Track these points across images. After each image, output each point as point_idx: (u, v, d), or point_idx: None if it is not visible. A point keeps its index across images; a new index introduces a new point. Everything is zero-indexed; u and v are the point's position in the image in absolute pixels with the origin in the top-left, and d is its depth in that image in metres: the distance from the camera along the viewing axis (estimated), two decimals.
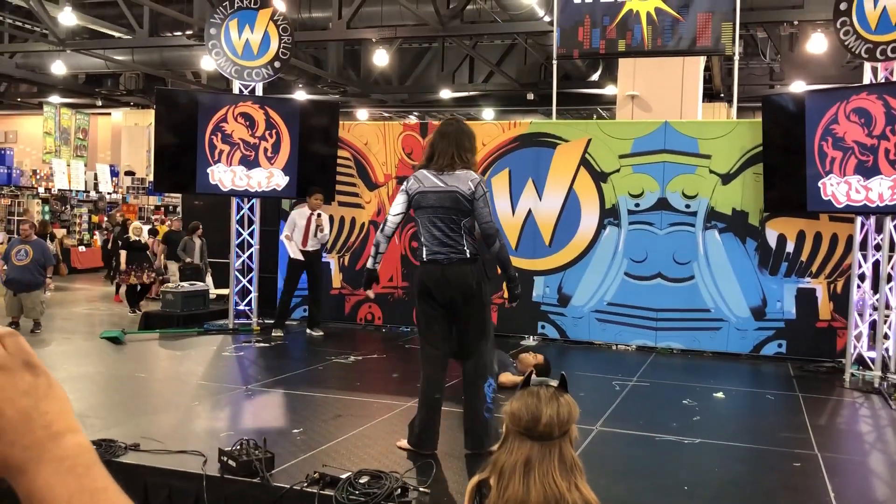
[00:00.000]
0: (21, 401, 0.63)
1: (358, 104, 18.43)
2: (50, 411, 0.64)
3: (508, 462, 2.13)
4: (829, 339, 7.72)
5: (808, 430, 5.21)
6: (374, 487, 3.60)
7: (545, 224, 8.60)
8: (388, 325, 9.10)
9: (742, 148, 7.97)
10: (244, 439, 4.00)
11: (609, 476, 4.09)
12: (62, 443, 0.63)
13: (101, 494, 0.63)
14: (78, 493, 0.62)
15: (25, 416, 0.63)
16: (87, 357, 7.13)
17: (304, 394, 5.79)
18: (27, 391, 0.64)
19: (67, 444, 0.64)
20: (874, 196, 6.71)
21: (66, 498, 0.61)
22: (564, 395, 2.19)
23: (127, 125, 23.60)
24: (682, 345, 8.14)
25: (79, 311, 12.77)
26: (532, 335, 8.62)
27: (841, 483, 4.14)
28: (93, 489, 0.63)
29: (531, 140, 8.68)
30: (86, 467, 0.64)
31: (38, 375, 0.65)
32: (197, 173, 8.53)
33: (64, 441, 0.64)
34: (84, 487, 0.62)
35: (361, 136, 9.34)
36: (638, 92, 10.80)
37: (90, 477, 0.63)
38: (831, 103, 6.96)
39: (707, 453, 4.67)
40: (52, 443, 0.63)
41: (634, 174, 8.31)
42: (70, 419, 0.66)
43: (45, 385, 0.65)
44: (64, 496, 0.61)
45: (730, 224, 8.02)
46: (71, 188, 20.81)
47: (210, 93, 12.48)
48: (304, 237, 8.40)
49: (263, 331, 8.65)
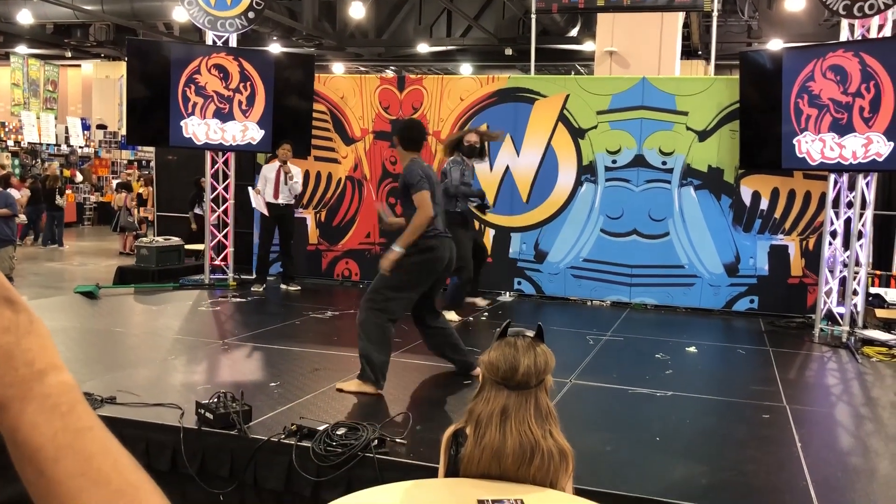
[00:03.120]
0: (2, 338, 0.61)
1: (333, 58, 18.17)
2: (32, 348, 0.62)
3: (485, 411, 2.16)
4: (799, 295, 7.85)
5: (777, 383, 5.32)
6: (350, 439, 3.63)
7: (523, 180, 8.60)
8: (365, 281, 9.09)
9: (719, 105, 7.98)
10: (221, 392, 4.01)
11: (582, 427, 4.17)
12: (46, 380, 0.62)
13: (87, 433, 0.62)
14: (62, 431, 0.61)
15: (7, 354, 0.61)
16: (61, 311, 7.07)
17: (281, 348, 5.80)
18: (8, 328, 0.62)
19: (51, 382, 0.62)
20: (847, 154, 6.78)
21: (51, 436, 0.60)
22: (541, 345, 2.21)
23: (98, 77, 23.11)
24: (656, 300, 8.24)
25: (50, 265, 12.64)
26: (508, 291, 8.67)
27: (807, 433, 4.25)
28: (77, 427, 0.61)
29: (509, 95, 8.63)
30: (70, 405, 0.62)
31: (18, 312, 0.63)
32: (170, 126, 8.40)
33: (48, 379, 0.62)
34: (68, 426, 0.61)
35: (337, 90, 9.23)
36: (616, 48, 10.75)
37: (75, 415, 0.62)
38: (808, 60, 6.98)
39: (679, 406, 4.76)
40: (35, 380, 0.61)
41: (612, 131, 8.31)
42: (53, 356, 0.64)
43: (26, 321, 0.63)
44: (48, 434, 0.60)
45: (705, 181, 8.06)
46: (41, 142, 20.42)
47: (183, 44, 12.21)
48: (276, 189, 8.33)
49: (240, 286, 8.62)
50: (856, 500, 3.36)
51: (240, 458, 3.73)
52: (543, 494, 2.09)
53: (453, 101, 8.77)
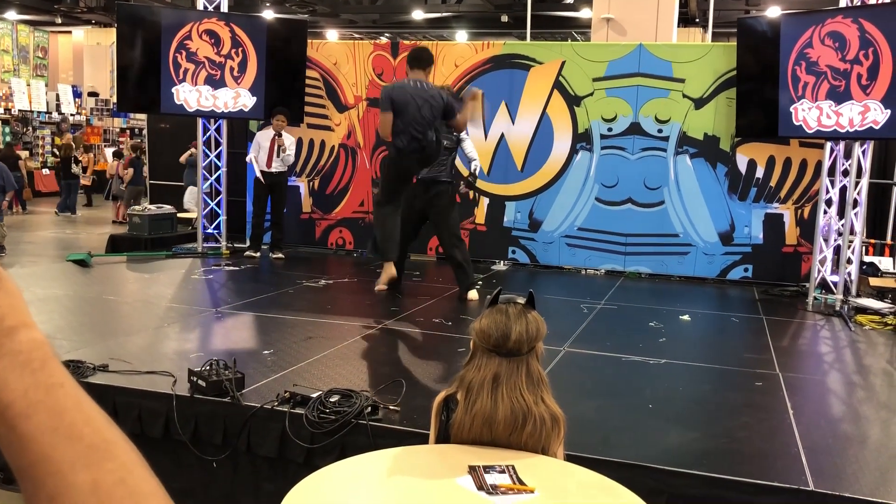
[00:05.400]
0: None
1: (327, 24, 17.97)
2: (1, 305, 0.61)
3: (476, 378, 2.15)
4: (794, 264, 7.85)
5: (770, 351, 5.33)
6: (344, 406, 3.62)
7: (518, 149, 8.54)
8: (359, 250, 9.07)
9: (716, 72, 7.91)
10: (214, 360, 4.00)
11: (575, 395, 4.17)
12: (16, 337, 0.61)
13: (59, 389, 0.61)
14: (33, 387, 0.59)
15: None
16: (54, 280, 7.03)
17: (274, 316, 5.79)
18: None
19: (21, 339, 0.61)
20: (844, 122, 6.73)
21: (22, 392, 0.59)
22: (532, 312, 2.20)
23: (89, 44, 22.82)
24: (651, 269, 8.24)
25: (43, 234, 12.59)
26: (502, 260, 8.66)
27: (799, 400, 4.26)
28: (49, 384, 0.60)
29: (505, 62, 8.54)
30: (41, 362, 0.61)
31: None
32: (161, 93, 8.31)
33: (18, 335, 0.61)
34: (40, 382, 0.60)
35: (330, 56, 9.12)
36: (613, 15, 10.63)
37: (46, 372, 0.61)
38: (806, 27, 6.91)
39: (672, 373, 4.77)
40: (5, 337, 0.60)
41: (608, 98, 8.24)
42: (23, 314, 0.63)
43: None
44: (19, 390, 0.59)
45: (701, 149, 8.02)
46: (32, 109, 20.23)
47: (174, 9, 12.04)
48: (269, 158, 8.29)
49: (233, 254, 8.59)
50: (847, 465, 3.37)
51: (233, 425, 3.73)
52: (534, 460, 2.08)
53: (448, 67, 8.68)
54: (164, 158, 11.08)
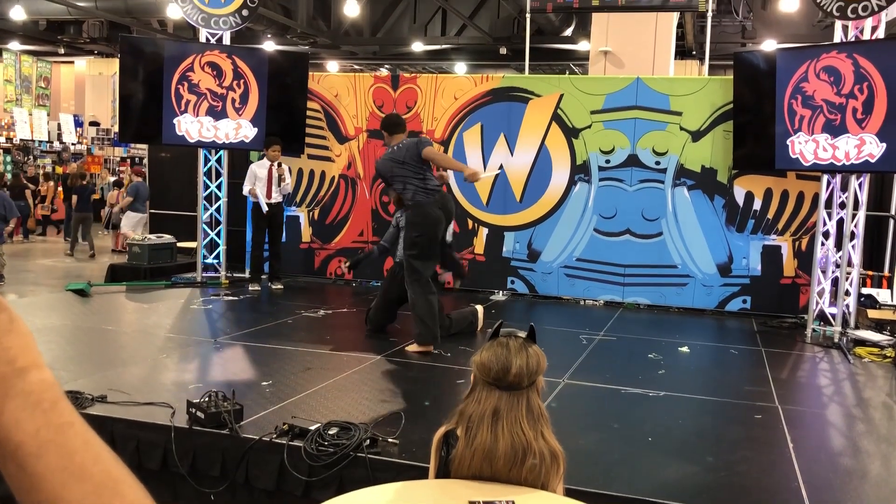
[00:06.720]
0: None
1: (328, 56, 18.14)
2: (13, 346, 0.63)
3: (476, 412, 2.15)
4: (792, 296, 7.86)
5: (769, 383, 5.33)
6: (343, 438, 3.61)
7: (516, 180, 8.59)
8: (358, 280, 9.08)
9: (713, 105, 7.99)
10: (213, 391, 3.99)
11: (575, 427, 4.16)
12: (27, 378, 0.63)
13: (69, 429, 0.63)
14: (45, 427, 0.61)
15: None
16: (52, 309, 7.03)
17: (273, 347, 5.78)
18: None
19: (32, 380, 0.63)
20: (840, 154, 6.79)
21: (33, 432, 0.61)
22: (532, 346, 2.21)
23: (91, 74, 23.02)
24: (649, 300, 8.25)
25: (43, 263, 12.59)
26: (501, 290, 8.67)
27: (799, 434, 4.25)
28: (59, 423, 0.62)
29: (504, 94, 8.62)
30: (52, 402, 0.63)
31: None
32: (163, 124, 8.37)
33: (29, 376, 0.63)
34: (51, 422, 0.62)
35: (331, 88, 9.21)
36: (611, 48, 10.75)
37: (56, 412, 0.63)
38: (802, 61, 6.99)
39: (671, 406, 4.76)
40: (16, 378, 0.62)
41: (606, 130, 8.31)
42: (34, 355, 0.65)
43: (6, 320, 0.63)
44: (30, 430, 0.61)
45: (698, 181, 8.07)
46: (34, 138, 20.33)
47: (176, 41, 12.17)
48: (268, 189, 8.31)
49: (232, 284, 8.60)
50: (847, 500, 3.36)
51: (231, 457, 3.71)
52: (534, 496, 2.08)
53: (447, 99, 8.76)
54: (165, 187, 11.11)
